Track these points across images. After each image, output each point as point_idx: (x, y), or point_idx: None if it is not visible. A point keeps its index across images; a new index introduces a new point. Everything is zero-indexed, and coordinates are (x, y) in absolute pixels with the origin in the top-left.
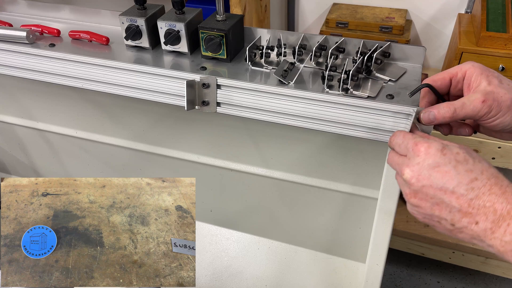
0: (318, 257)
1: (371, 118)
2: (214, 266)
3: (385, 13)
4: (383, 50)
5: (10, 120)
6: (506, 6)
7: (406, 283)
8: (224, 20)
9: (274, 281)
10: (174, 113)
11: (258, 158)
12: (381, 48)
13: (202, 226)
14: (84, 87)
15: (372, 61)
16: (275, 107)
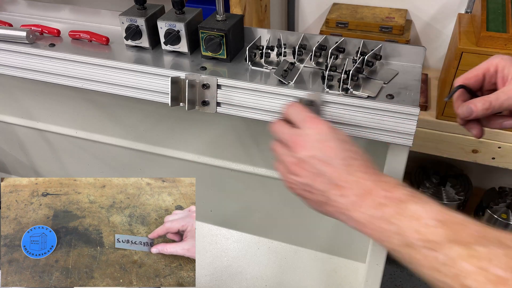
0: (318, 257)
1: (371, 118)
2: (214, 266)
3: (385, 13)
4: (374, 53)
5: (10, 120)
6: (506, 6)
7: (406, 283)
8: (224, 20)
9: (274, 281)
10: (174, 113)
11: (258, 158)
12: (373, 51)
13: (202, 226)
14: (84, 87)
15: (363, 64)
16: (275, 107)
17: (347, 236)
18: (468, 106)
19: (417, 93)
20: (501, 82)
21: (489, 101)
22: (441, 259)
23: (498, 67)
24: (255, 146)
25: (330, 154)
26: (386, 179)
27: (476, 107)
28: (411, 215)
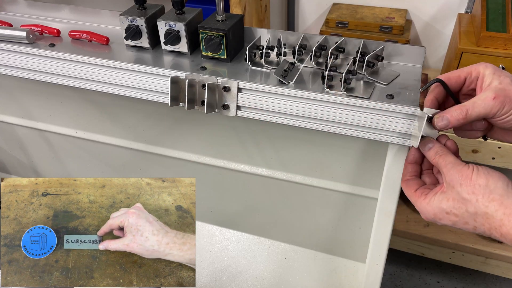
0: (318, 257)
1: (371, 118)
2: (214, 266)
3: (385, 13)
4: (376, 54)
5: (10, 120)
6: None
7: (406, 283)
8: (224, 20)
9: (274, 281)
10: (174, 113)
11: (258, 158)
12: (374, 52)
13: (202, 226)
14: (84, 87)
15: (364, 64)
16: (275, 107)
17: (347, 236)
18: (444, 117)
19: (417, 93)
20: (479, 89)
21: (465, 109)
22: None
23: (480, 74)
24: (255, 146)
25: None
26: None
27: (452, 117)
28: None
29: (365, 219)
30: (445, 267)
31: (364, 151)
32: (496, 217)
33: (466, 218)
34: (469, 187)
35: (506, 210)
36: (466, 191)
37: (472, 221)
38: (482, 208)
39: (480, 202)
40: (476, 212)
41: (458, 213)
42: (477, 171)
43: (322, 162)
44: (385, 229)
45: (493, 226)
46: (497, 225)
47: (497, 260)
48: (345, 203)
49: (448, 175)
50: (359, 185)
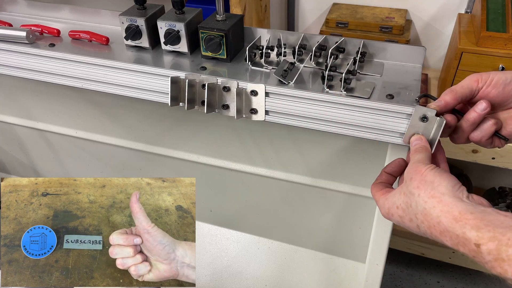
0: (318, 257)
1: (371, 118)
2: (214, 266)
3: (385, 13)
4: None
5: (10, 120)
6: (506, 6)
7: (406, 283)
8: (224, 20)
9: (274, 281)
10: (174, 113)
11: (258, 158)
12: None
13: (202, 226)
14: (84, 87)
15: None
16: (275, 107)
17: (347, 236)
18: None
19: (417, 93)
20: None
21: (450, 88)
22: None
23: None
24: (255, 146)
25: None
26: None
27: (443, 97)
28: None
29: (365, 219)
30: (445, 267)
31: (364, 151)
32: (433, 214)
33: (410, 215)
34: (416, 182)
35: (443, 208)
36: (413, 185)
37: (414, 218)
38: (422, 203)
39: (421, 197)
40: (417, 207)
41: (405, 208)
42: (431, 170)
43: (322, 162)
44: (385, 229)
45: (431, 224)
46: (435, 222)
47: None
48: (345, 203)
49: (406, 170)
50: (359, 185)
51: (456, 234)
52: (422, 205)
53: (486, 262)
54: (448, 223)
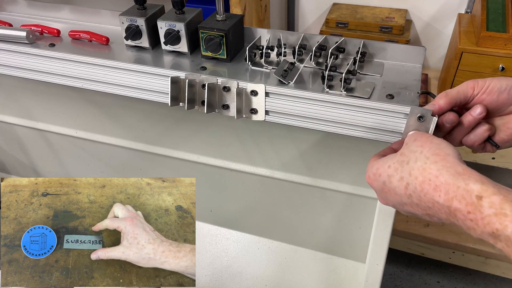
0: (318, 257)
1: (371, 118)
2: (214, 266)
3: (385, 13)
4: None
5: (10, 120)
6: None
7: (406, 283)
8: (224, 20)
9: (274, 281)
10: (174, 113)
11: (258, 158)
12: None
13: (202, 226)
14: (84, 87)
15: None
16: (275, 107)
17: (347, 236)
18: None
19: (417, 93)
20: None
21: (444, 91)
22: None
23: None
24: (255, 146)
25: (394, 197)
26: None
27: (436, 100)
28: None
29: (365, 219)
30: (445, 267)
31: (364, 151)
32: (433, 168)
33: (403, 172)
34: (420, 142)
35: (447, 164)
36: (416, 144)
37: (406, 176)
38: (423, 158)
39: (423, 154)
40: (415, 163)
41: (398, 166)
42: (437, 137)
43: (322, 162)
44: (385, 229)
45: (427, 178)
46: (432, 176)
47: (497, 260)
48: (345, 203)
49: (409, 135)
50: (359, 185)
51: (457, 186)
52: (422, 160)
53: (483, 217)
54: (449, 176)
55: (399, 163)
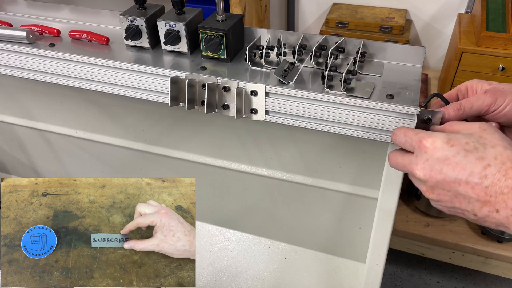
0: (318, 257)
1: (371, 118)
2: (214, 266)
3: (385, 13)
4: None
5: (10, 120)
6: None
7: (406, 283)
8: (224, 20)
9: (274, 281)
10: (175, 113)
11: (258, 158)
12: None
13: (202, 226)
14: (84, 87)
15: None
16: (275, 107)
17: (347, 236)
18: (440, 110)
19: (417, 93)
20: (471, 95)
21: (459, 103)
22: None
23: (468, 86)
24: (255, 146)
25: (458, 171)
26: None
27: (447, 110)
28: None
29: (365, 219)
30: (445, 267)
31: (364, 151)
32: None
33: (486, 153)
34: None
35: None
36: (491, 131)
37: (492, 158)
38: (504, 147)
39: (503, 142)
40: (504, 149)
41: (479, 146)
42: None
43: (322, 162)
44: (385, 229)
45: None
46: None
47: (497, 260)
48: (345, 203)
49: (478, 124)
50: (359, 185)
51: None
52: (507, 148)
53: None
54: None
55: (481, 145)
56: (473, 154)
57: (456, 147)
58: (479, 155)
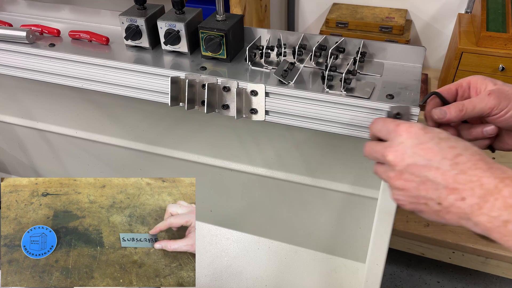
0: (318, 257)
1: (371, 118)
2: (214, 266)
3: (385, 13)
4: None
5: (10, 120)
6: (506, 6)
7: (406, 283)
8: (224, 20)
9: (274, 281)
10: (174, 113)
11: (258, 158)
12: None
13: (202, 226)
14: (84, 87)
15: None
16: (275, 107)
17: (347, 236)
18: (442, 109)
19: (417, 93)
20: (474, 94)
21: (462, 103)
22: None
23: (471, 83)
24: (255, 146)
25: (430, 156)
26: (509, 174)
27: (449, 110)
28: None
29: (365, 219)
30: (445, 267)
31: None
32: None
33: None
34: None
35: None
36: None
37: (462, 149)
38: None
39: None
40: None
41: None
42: None
43: (322, 162)
44: (385, 229)
45: (484, 160)
46: (490, 161)
47: (497, 260)
48: (345, 203)
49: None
50: (359, 185)
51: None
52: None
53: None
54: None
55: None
56: (446, 143)
57: (430, 134)
58: (451, 144)
